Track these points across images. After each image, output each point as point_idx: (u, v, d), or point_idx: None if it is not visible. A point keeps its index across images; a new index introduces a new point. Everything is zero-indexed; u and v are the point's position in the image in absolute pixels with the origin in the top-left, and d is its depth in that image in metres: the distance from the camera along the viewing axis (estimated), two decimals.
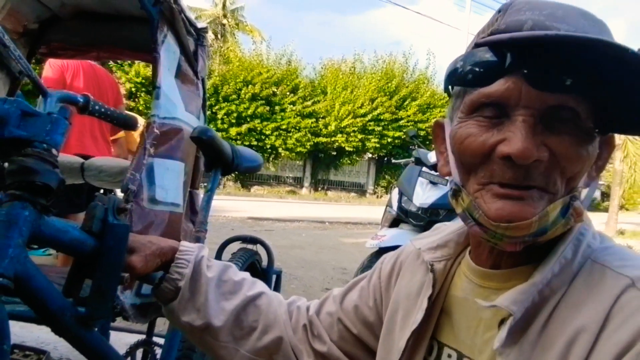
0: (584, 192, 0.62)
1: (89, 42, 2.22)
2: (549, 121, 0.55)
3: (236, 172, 1.50)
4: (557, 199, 0.57)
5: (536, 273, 0.58)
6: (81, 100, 0.90)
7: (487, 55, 0.56)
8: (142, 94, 16.44)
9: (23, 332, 2.40)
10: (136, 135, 3.93)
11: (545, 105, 0.55)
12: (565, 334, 0.54)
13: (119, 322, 1.63)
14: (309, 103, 20.25)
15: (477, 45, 0.57)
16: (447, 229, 0.78)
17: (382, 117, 20.71)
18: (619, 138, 13.54)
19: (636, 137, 13.37)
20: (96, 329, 0.84)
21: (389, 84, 21.08)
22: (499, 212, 0.56)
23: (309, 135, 20.10)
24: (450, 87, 0.64)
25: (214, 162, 1.30)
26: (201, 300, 0.83)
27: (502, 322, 0.60)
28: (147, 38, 1.63)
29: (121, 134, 3.80)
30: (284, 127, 19.77)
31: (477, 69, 0.56)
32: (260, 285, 0.91)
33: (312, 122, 20.11)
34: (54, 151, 0.71)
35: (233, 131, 18.85)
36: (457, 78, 0.59)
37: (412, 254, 0.80)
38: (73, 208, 2.63)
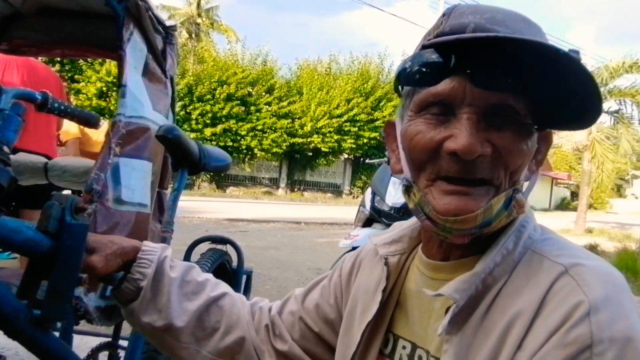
0: (525, 185, 0.66)
1: (53, 40, 2.16)
2: (492, 118, 0.58)
3: (211, 173, 1.49)
4: (500, 192, 0.60)
5: (478, 263, 0.61)
6: (39, 97, 0.88)
7: (433, 56, 0.59)
8: (114, 94, 16.14)
9: None
10: (97, 135, 3.85)
11: (488, 103, 0.58)
12: (504, 319, 0.57)
13: (84, 325, 1.59)
14: (285, 103, 20.23)
15: (423, 47, 0.60)
16: (403, 225, 0.80)
17: (358, 118, 20.83)
18: (586, 138, 13.90)
19: (603, 138, 13.81)
20: (58, 332, 0.82)
21: (365, 85, 21.22)
22: (447, 207, 0.59)
23: (284, 135, 20.07)
24: (400, 87, 0.67)
25: (181, 161, 1.28)
26: (163, 300, 0.82)
27: (448, 311, 0.62)
28: (113, 35, 1.60)
29: (73, 134, 3.70)
30: (259, 127, 19.69)
31: (424, 70, 0.59)
32: (223, 286, 0.91)
33: (288, 123, 20.09)
34: (5, 148, 0.69)
35: (208, 132, 18.67)
36: (405, 78, 0.62)
37: (371, 252, 0.81)
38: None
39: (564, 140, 14.97)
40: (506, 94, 0.57)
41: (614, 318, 0.52)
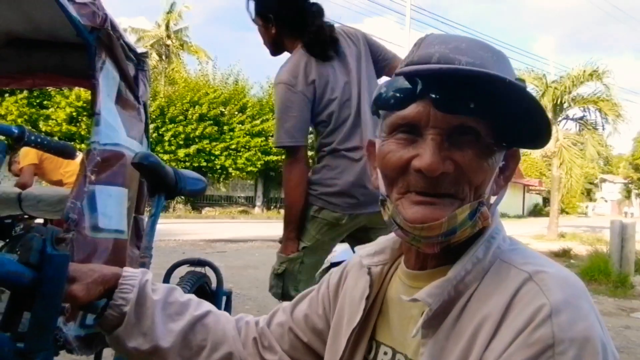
0: (493, 199, 0.72)
1: (23, 70, 2.16)
2: (454, 138, 0.64)
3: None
4: (465, 204, 0.65)
5: (450, 270, 0.66)
6: (16, 131, 0.89)
7: (402, 83, 0.65)
8: (84, 119, 15.90)
9: None
10: (54, 162, 3.75)
11: (450, 125, 0.63)
12: (474, 323, 0.62)
13: (64, 355, 1.58)
14: (258, 122, 20.21)
15: (396, 74, 0.67)
16: (386, 238, 0.85)
17: None
18: (554, 145, 14.30)
19: (569, 144, 14.23)
20: None
21: None
22: (415, 215, 0.65)
23: (259, 154, 20.02)
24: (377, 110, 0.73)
25: (157, 186, 1.30)
26: (147, 323, 0.84)
27: None
28: (84, 64, 1.63)
29: (29, 160, 3.63)
30: (233, 146, 19.62)
31: (394, 95, 0.66)
32: (206, 305, 0.93)
33: (261, 141, 20.06)
34: None
35: (181, 153, 18.50)
36: (380, 102, 0.69)
37: (357, 264, 0.86)
38: None
39: None
40: (466, 116, 0.63)
41: (574, 319, 0.57)
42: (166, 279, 1.75)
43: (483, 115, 0.63)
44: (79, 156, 1.65)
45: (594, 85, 14.06)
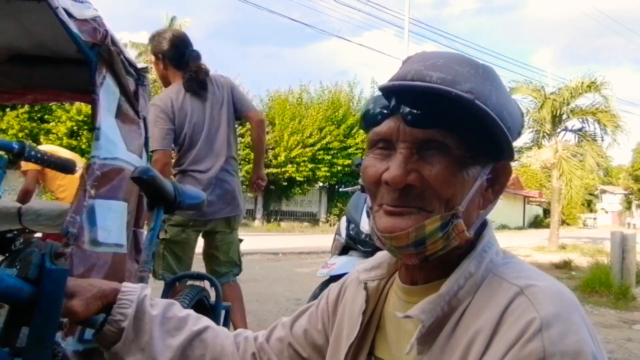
0: (486, 212, 0.72)
1: (25, 85, 2.19)
2: (423, 152, 0.66)
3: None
4: (434, 216, 0.66)
5: (443, 285, 0.67)
6: (16, 146, 0.90)
7: (380, 100, 0.69)
8: (84, 132, 15.95)
9: None
10: (59, 179, 3.78)
11: (418, 140, 0.66)
12: (467, 337, 0.63)
13: None
14: None
15: (377, 91, 0.71)
16: (384, 252, 0.85)
17: (331, 146, 21.01)
18: (553, 157, 14.32)
19: (569, 155, 14.25)
20: None
21: (336, 113, 21.49)
22: (384, 226, 0.68)
23: None
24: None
25: (156, 200, 1.31)
26: (146, 339, 0.84)
27: None
28: (85, 80, 1.64)
29: (34, 166, 3.66)
30: None
31: (371, 111, 0.70)
32: (205, 320, 0.93)
33: None
34: None
35: None
36: (363, 119, 0.72)
37: (355, 279, 0.86)
38: None
39: (533, 159, 15.37)
40: (433, 130, 0.65)
41: (565, 333, 0.57)
42: (165, 293, 1.75)
43: (450, 128, 0.65)
44: (79, 171, 1.67)
45: (593, 97, 14.12)
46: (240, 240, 2.92)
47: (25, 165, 3.66)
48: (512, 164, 0.74)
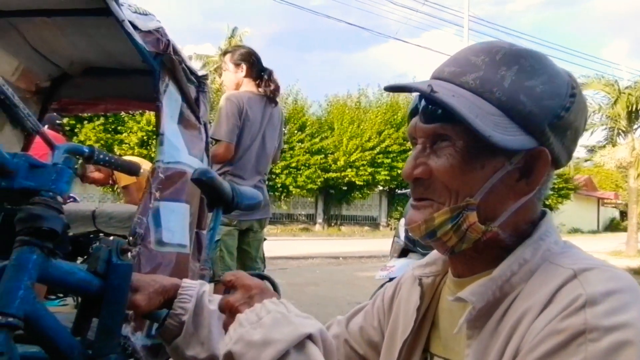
0: (518, 204, 0.67)
1: (97, 96, 2.34)
2: (436, 146, 0.68)
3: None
4: (443, 208, 0.67)
5: (495, 270, 0.66)
6: (86, 150, 0.97)
7: (416, 99, 0.72)
8: (154, 142, 16.77)
9: None
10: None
11: (428, 135, 0.68)
12: (515, 317, 0.61)
13: None
14: (317, 140, 20.44)
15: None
16: None
17: (390, 149, 20.81)
18: (630, 155, 13.42)
19: None
20: None
21: (395, 116, 21.28)
22: (407, 219, 0.72)
23: (318, 171, 20.19)
24: None
25: (215, 201, 1.35)
26: (205, 332, 0.87)
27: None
28: (150, 88, 1.73)
29: (132, 179, 3.87)
30: (293, 165, 19.91)
31: (409, 111, 0.74)
32: None
33: (321, 159, 20.24)
34: (59, 198, 0.77)
35: None
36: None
37: (410, 278, 0.86)
38: None
39: (607, 158, 14.49)
40: (437, 125, 0.67)
41: (612, 310, 0.54)
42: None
43: (454, 121, 0.64)
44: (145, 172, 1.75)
45: None
46: (264, 239, 3.16)
47: (124, 179, 3.87)
48: (585, 164, 0.70)
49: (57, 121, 4.09)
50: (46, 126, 3.22)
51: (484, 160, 0.65)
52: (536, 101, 0.64)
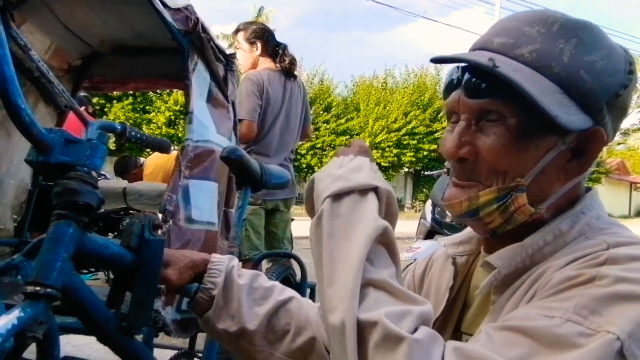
0: (567, 186, 0.65)
1: (127, 75, 2.36)
2: (482, 124, 0.64)
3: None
4: (489, 188, 0.64)
5: (528, 237, 0.64)
6: (119, 127, 0.99)
7: (454, 71, 0.68)
8: (181, 122, 16.97)
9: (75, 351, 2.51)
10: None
11: (474, 111, 0.64)
12: (534, 277, 0.60)
13: (162, 338, 1.70)
14: (343, 121, 20.37)
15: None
16: None
17: (416, 131, 20.60)
18: None
19: None
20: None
21: (422, 97, 21.01)
22: (446, 195, 0.69)
23: None
24: None
25: (243, 180, 1.35)
26: (234, 306, 0.88)
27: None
28: (179, 67, 1.74)
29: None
30: (319, 146, 19.92)
31: (446, 83, 0.69)
32: (290, 291, 0.96)
33: (346, 140, 20.10)
34: (93, 173, 0.78)
35: None
36: (443, 91, 0.71)
37: (443, 255, 0.84)
38: None
39: None
40: (487, 100, 0.62)
41: (631, 270, 0.53)
42: (254, 269, 1.82)
43: (505, 97, 0.60)
44: (174, 152, 1.77)
45: None
46: (292, 220, 3.15)
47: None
48: (618, 147, 0.67)
49: (85, 99, 4.14)
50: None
51: (537, 139, 0.62)
52: (596, 78, 0.61)
